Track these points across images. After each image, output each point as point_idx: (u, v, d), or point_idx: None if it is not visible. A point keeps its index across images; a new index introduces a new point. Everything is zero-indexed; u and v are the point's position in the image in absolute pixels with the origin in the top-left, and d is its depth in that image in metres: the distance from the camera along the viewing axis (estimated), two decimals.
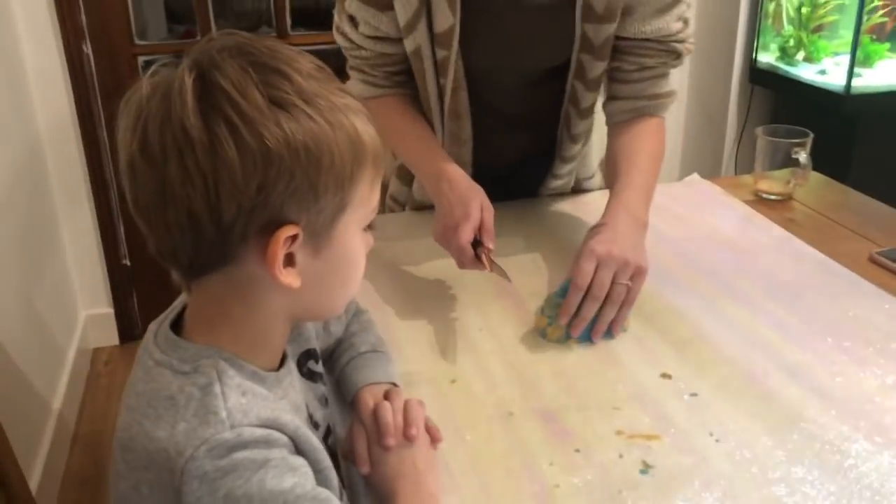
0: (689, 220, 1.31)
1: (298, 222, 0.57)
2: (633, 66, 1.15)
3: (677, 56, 1.16)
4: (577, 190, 1.40)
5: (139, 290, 2.51)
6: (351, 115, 0.58)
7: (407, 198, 1.33)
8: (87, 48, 2.23)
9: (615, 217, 1.04)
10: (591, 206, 1.28)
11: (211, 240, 0.56)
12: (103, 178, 2.33)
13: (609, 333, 0.98)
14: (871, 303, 1.06)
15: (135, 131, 0.56)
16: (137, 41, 2.31)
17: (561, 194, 1.37)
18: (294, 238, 0.58)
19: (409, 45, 1.12)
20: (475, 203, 1.02)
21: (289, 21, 2.44)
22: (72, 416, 2.16)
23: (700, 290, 1.09)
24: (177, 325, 0.65)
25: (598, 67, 1.15)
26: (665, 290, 1.08)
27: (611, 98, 1.20)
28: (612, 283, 0.97)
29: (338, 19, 1.16)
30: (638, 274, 0.98)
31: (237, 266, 0.59)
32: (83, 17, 2.20)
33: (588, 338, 0.98)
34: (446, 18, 1.08)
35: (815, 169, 1.45)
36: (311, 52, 0.62)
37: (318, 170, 0.56)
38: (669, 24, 1.12)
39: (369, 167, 0.61)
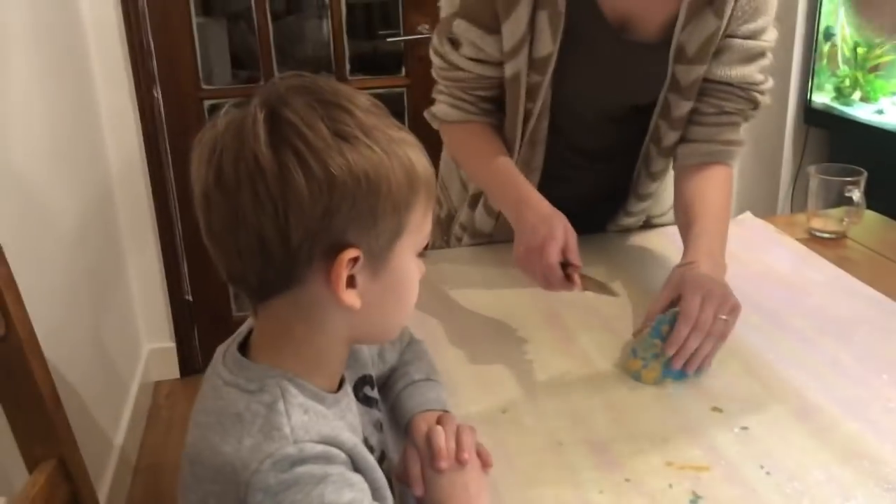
0: (742, 257, 1.31)
1: (359, 245, 0.61)
2: (712, 109, 1.18)
3: (755, 106, 1.19)
4: (646, 226, 1.42)
5: (200, 326, 2.59)
6: (406, 147, 0.63)
7: (492, 229, 1.35)
8: (157, 92, 2.34)
9: (700, 259, 1.06)
10: (660, 243, 1.30)
11: (279, 262, 0.61)
12: (169, 216, 2.43)
13: (700, 367, 0.98)
14: None
15: (210, 163, 0.61)
16: (204, 86, 2.42)
17: (628, 229, 1.39)
18: (355, 260, 0.62)
19: (509, 69, 1.16)
20: (559, 224, 1.04)
21: (347, 67, 2.52)
22: (133, 448, 2.22)
23: (752, 326, 1.09)
24: (243, 348, 0.69)
25: (683, 107, 1.18)
26: None
27: (685, 140, 1.22)
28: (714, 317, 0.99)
29: (437, 41, 1.19)
30: (734, 310, 1.00)
31: (302, 288, 0.62)
32: (154, 63, 2.31)
33: (682, 376, 0.98)
34: (546, 45, 1.11)
35: (873, 208, 1.44)
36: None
37: (377, 196, 0.60)
38: (754, 73, 1.16)
39: (423, 195, 0.65)
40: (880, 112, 2.41)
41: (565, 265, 1.02)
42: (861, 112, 2.42)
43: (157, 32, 2.30)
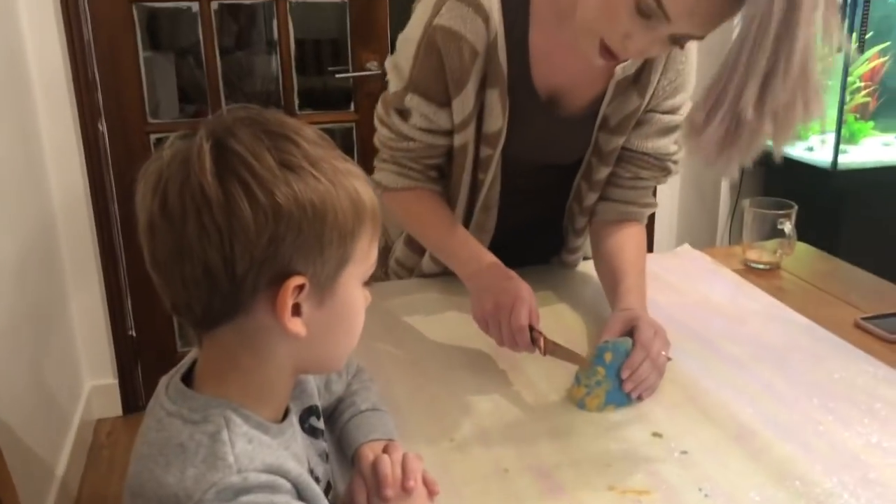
0: (681, 288, 1.36)
1: (305, 273, 0.62)
2: (629, 174, 1.26)
3: (667, 174, 1.27)
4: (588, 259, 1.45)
5: (143, 362, 2.55)
6: (352, 177, 0.65)
7: (414, 265, 1.39)
8: (103, 126, 2.32)
9: (636, 308, 1.12)
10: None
11: (225, 291, 0.61)
12: (113, 251, 2.39)
13: (638, 397, 1.02)
14: (855, 366, 1.10)
15: (155, 193, 0.61)
16: (150, 119, 2.41)
17: (572, 265, 1.43)
18: (301, 288, 0.62)
19: (458, 140, 1.19)
20: (524, 286, 1.07)
21: (296, 101, 2.54)
22: (73, 487, 2.16)
23: (691, 354, 1.13)
24: (187, 379, 0.69)
25: (602, 171, 1.25)
26: None
27: (604, 198, 1.29)
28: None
29: (383, 112, 1.21)
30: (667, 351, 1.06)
31: (248, 316, 0.63)
32: (100, 96, 2.30)
33: (624, 403, 1.01)
34: (496, 121, 1.16)
35: (804, 240, 1.51)
36: None
37: (323, 225, 0.62)
38: (668, 145, 1.24)
39: (368, 225, 0.66)
40: (810, 149, 2.51)
41: (531, 329, 1.04)
42: (793, 150, 2.53)
43: (103, 65, 2.29)
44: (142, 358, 2.54)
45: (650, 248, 2.73)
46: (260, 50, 3.19)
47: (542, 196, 1.34)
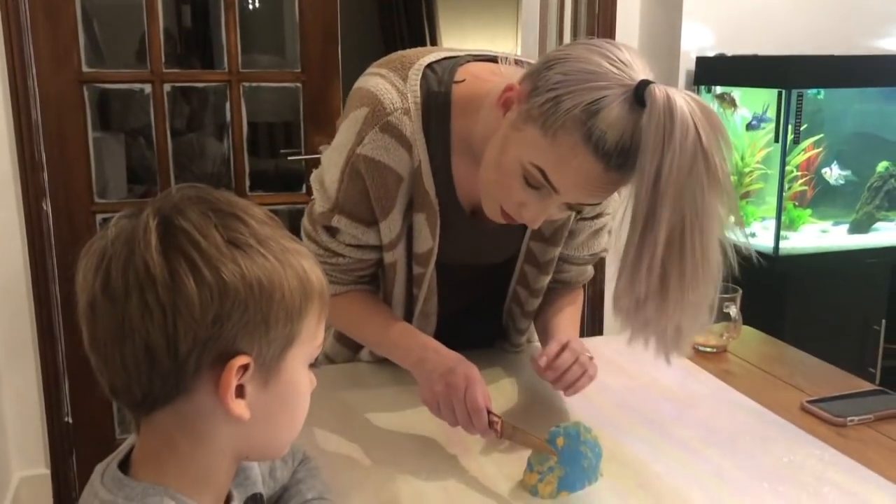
0: (631, 371, 1.36)
1: (250, 353, 0.61)
2: (566, 272, 1.32)
3: (600, 259, 1.34)
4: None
5: (79, 451, 2.43)
6: (300, 257, 0.64)
7: (346, 360, 1.37)
8: (47, 205, 2.28)
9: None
10: None
11: (166, 372, 0.59)
12: (52, 333, 2.32)
13: (591, 476, 1.00)
14: (803, 449, 1.10)
15: (98, 272, 0.60)
16: (97, 199, 2.37)
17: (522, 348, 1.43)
18: (245, 368, 0.61)
19: (388, 257, 1.20)
20: (474, 369, 1.06)
21: (248, 182, 2.54)
22: None
23: (642, 439, 1.12)
24: (123, 467, 0.66)
25: (542, 280, 1.28)
26: (607, 438, 1.10)
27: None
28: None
29: (310, 228, 1.20)
30: (592, 357, 1.12)
31: (189, 398, 0.61)
32: (45, 175, 2.27)
33: (577, 488, 0.99)
34: (426, 242, 1.17)
35: (750, 325, 1.54)
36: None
37: (270, 303, 0.61)
38: (601, 242, 1.30)
39: (316, 304, 0.65)
40: (752, 235, 2.59)
41: (487, 412, 1.02)
42: (736, 236, 2.60)
43: (50, 145, 2.26)
44: (77, 446, 2.43)
45: (600, 331, 2.75)
46: (211, 132, 3.21)
47: (482, 282, 1.34)
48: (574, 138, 0.90)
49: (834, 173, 2.58)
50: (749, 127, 2.58)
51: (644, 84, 0.87)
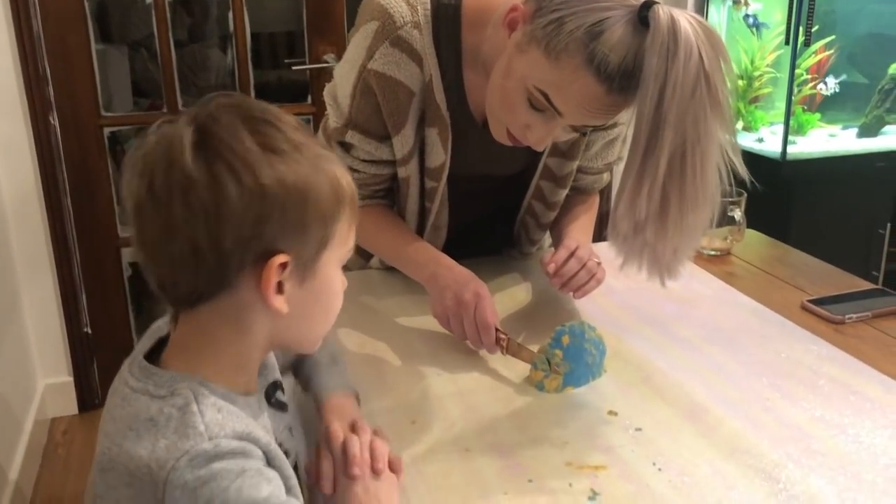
0: (634, 273, 1.39)
1: (289, 252, 0.64)
2: (582, 181, 1.33)
3: (611, 170, 1.35)
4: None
5: (99, 359, 2.51)
6: (331, 163, 0.67)
7: (360, 267, 1.40)
8: (54, 119, 2.28)
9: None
10: None
11: (211, 269, 0.63)
12: (67, 246, 2.35)
13: (595, 372, 1.03)
14: (801, 346, 1.14)
15: (142, 177, 0.63)
16: (104, 113, 2.37)
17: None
18: (284, 266, 0.64)
19: (401, 172, 1.21)
20: (483, 285, 1.09)
21: (253, 94, 2.52)
22: (28, 486, 2.13)
23: (645, 337, 1.16)
24: (150, 359, 0.70)
25: (560, 194, 1.28)
26: (611, 337, 1.14)
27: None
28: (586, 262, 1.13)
29: (325, 142, 1.21)
30: (600, 263, 1.15)
31: (232, 293, 0.65)
32: (51, 89, 2.26)
33: (581, 383, 1.03)
34: (438, 157, 1.17)
35: (756, 229, 1.55)
36: None
37: (306, 206, 0.64)
38: (615, 151, 1.29)
39: (347, 209, 0.68)
40: (760, 140, 2.58)
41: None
42: (744, 140, 2.59)
43: (53, 59, 2.25)
44: (97, 355, 2.50)
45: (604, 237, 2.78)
46: (214, 43, 3.17)
47: (494, 194, 1.35)
48: (576, 61, 0.90)
49: (830, 86, 2.56)
50: (747, 26, 2.55)
51: (648, 5, 0.86)
